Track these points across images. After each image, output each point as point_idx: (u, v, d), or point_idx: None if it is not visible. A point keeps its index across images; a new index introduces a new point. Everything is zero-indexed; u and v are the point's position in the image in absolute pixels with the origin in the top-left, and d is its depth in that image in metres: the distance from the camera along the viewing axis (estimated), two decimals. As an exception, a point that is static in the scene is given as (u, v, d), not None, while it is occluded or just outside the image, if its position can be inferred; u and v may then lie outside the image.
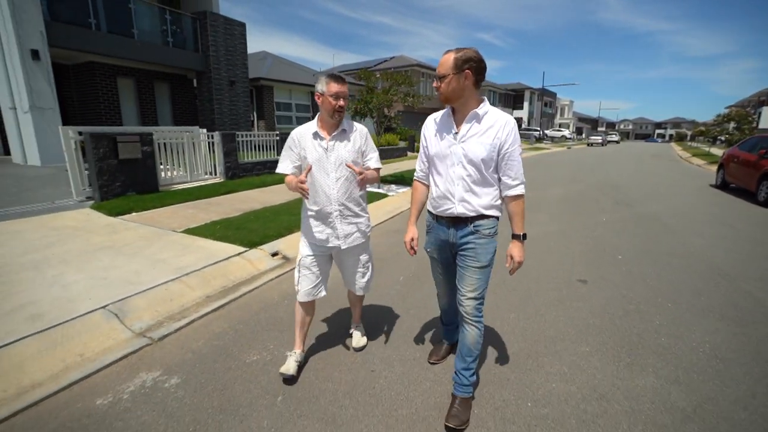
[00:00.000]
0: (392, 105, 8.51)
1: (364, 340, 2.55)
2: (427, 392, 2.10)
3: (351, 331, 2.62)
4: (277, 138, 10.34)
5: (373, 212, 6.33)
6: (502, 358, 2.35)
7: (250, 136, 9.58)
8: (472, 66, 1.71)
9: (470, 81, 1.72)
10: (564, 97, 64.42)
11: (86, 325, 2.68)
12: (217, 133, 8.55)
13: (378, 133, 8.95)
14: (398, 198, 7.67)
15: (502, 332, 2.67)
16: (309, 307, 2.33)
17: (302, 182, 1.90)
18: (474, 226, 1.83)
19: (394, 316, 2.98)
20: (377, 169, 2.21)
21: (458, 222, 1.87)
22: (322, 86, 2.02)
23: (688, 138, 45.59)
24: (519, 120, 44.10)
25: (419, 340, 2.61)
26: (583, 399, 2.01)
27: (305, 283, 2.25)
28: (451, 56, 1.72)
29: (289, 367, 2.20)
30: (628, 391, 2.07)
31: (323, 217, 2.15)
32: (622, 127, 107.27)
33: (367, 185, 2.16)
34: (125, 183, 6.51)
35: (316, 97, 2.08)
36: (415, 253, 2.01)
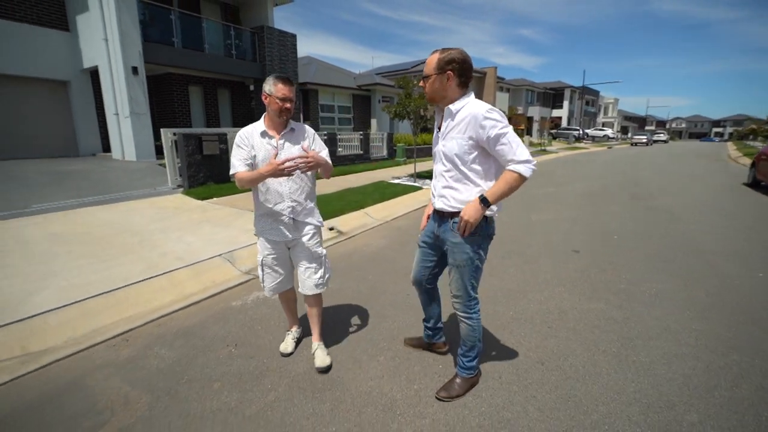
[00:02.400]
0: (428, 107, 9.50)
1: (329, 359, 2.34)
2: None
3: (313, 351, 2.40)
4: (325, 138, 11.66)
5: (408, 201, 7.42)
6: (500, 293, 3.35)
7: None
8: (455, 67, 1.74)
9: (453, 82, 1.76)
10: (608, 94, 62.18)
11: (211, 266, 3.94)
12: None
13: (415, 133, 9.98)
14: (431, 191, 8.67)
15: (502, 278, 3.66)
16: (286, 295, 2.51)
17: (279, 162, 1.90)
18: (453, 223, 1.85)
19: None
20: (330, 164, 2.21)
21: (441, 216, 1.94)
22: (270, 87, 2.03)
23: (750, 137, 42.45)
24: (558, 119, 43.37)
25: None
26: (549, 312, 2.99)
27: (269, 280, 2.36)
28: (436, 57, 1.76)
29: (287, 345, 2.49)
30: (582, 310, 3.02)
31: (276, 214, 2.18)
32: (674, 125, 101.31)
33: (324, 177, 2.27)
34: (206, 174, 8.00)
35: (263, 97, 2.08)
36: None
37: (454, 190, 1.84)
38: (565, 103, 44.53)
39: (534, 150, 23.02)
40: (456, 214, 1.84)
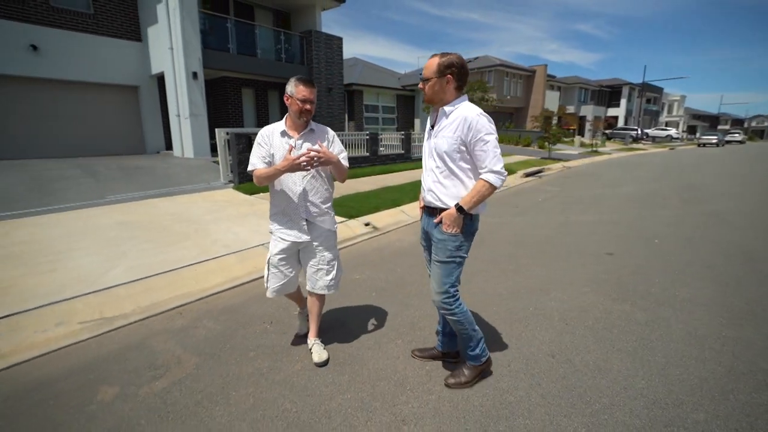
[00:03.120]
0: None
1: (326, 353, 2.40)
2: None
3: (310, 347, 2.44)
4: (366, 137, 12.02)
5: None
6: (523, 290, 3.42)
7: (344, 135, 11.41)
8: (454, 71, 1.83)
9: (451, 85, 1.86)
10: (673, 91, 57.55)
11: (255, 253, 4.33)
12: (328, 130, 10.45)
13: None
14: (468, 190, 8.67)
15: (527, 276, 3.71)
16: (289, 296, 2.52)
17: (294, 158, 1.98)
18: (457, 209, 1.88)
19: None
20: (345, 167, 2.26)
21: (431, 212, 2.01)
22: (291, 88, 2.09)
23: None
24: (613, 119, 40.86)
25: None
26: (569, 310, 3.02)
27: (273, 281, 2.35)
28: (436, 60, 1.85)
29: (303, 326, 2.63)
30: (604, 310, 3.02)
31: (289, 213, 2.23)
32: (753, 124, 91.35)
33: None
34: (255, 171, 8.59)
35: (285, 99, 2.14)
36: None
37: (441, 185, 1.93)
38: (623, 102, 41.90)
39: (584, 151, 21.99)
40: (443, 210, 1.91)
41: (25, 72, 9.55)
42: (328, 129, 2.33)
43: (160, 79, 11.52)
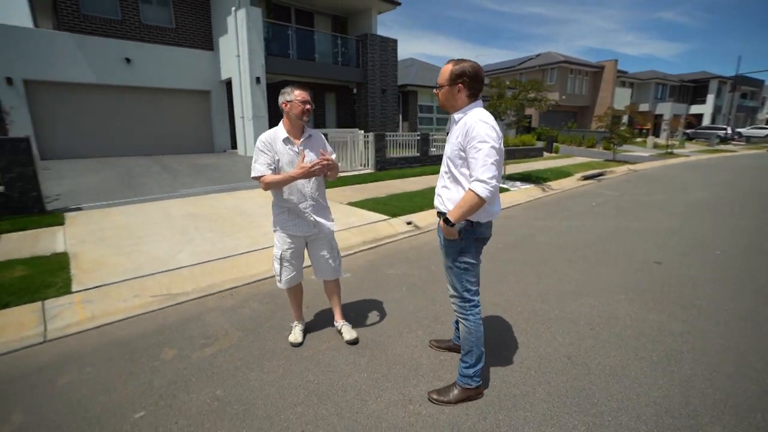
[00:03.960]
0: (521, 108, 9.30)
1: (355, 332, 2.65)
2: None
3: (339, 328, 2.71)
4: (418, 138, 12.17)
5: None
6: (552, 293, 3.40)
7: (396, 136, 11.66)
8: (465, 81, 1.85)
9: (463, 93, 1.88)
10: (774, 85, 50.32)
11: (300, 246, 4.70)
12: (371, 133, 10.81)
13: (516, 133, 9.82)
14: (518, 193, 8.49)
15: (560, 279, 3.66)
16: (295, 289, 2.69)
17: (310, 165, 2.20)
18: (444, 221, 1.91)
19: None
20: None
21: (439, 215, 2.04)
22: (288, 96, 2.28)
23: None
24: (698, 117, 36.84)
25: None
26: (598, 316, 2.98)
27: (286, 273, 2.55)
28: (449, 68, 1.88)
29: (297, 336, 2.65)
30: (636, 319, 2.93)
31: (298, 211, 2.41)
32: None
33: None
34: (308, 170, 9.14)
35: (283, 105, 2.30)
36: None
37: (447, 189, 1.96)
38: (710, 98, 37.63)
39: (657, 153, 20.21)
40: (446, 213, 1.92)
41: (120, 81, 11.00)
42: (320, 133, 2.55)
43: (228, 84, 12.60)
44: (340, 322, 2.75)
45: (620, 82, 32.08)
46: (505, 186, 9.10)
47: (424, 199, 7.22)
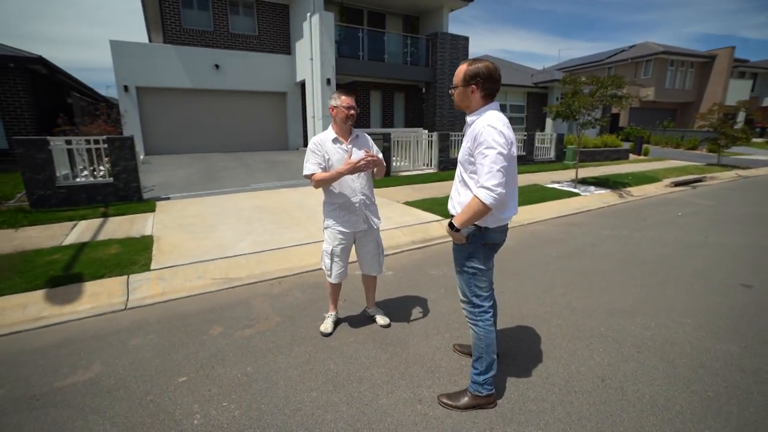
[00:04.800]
0: (598, 107, 8.54)
1: (387, 318, 2.89)
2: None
3: (373, 315, 2.95)
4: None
5: (554, 207, 7.00)
6: (601, 309, 3.13)
7: (461, 135, 11.45)
8: (479, 82, 1.82)
9: (477, 94, 1.85)
10: None
11: (350, 242, 4.88)
12: (435, 133, 10.76)
13: (578, 134, 9.11)
14: (589, 198, 7.85)
15: (615, 295, 3.35)
16: (340, 283, 2.84)
17: (355, 161, 2.35)
18: (449, 225, 1.90)
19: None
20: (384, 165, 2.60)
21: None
22: (335, 101, 2.48)
23: None
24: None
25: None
26: (650, 339, 2.68)
27: (336, 267, 2.69)
28: (464, 68, 1.86)
29: (327, 326, 2.79)
30: (698, 347, 2.58)
31: (349, 206, 2.56)
32: None
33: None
34: (370, 168, 9.39)
35: (330, 110, 2.53)
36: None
37: (458, 194, 1.94)
38: None
39: (778, 156, 17.10)
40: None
41: (210, 86, 12.33)
42: (366, 134, 2.70)
43: (302, 85, 13.40)
44: (372, 309, 2.97)
45: (738, 73, 27.69)
46: (575, 190, 8.47)
47: (482, 201, 7.03)
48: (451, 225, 1.86)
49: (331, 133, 2.56)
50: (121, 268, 3.75)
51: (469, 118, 1.90)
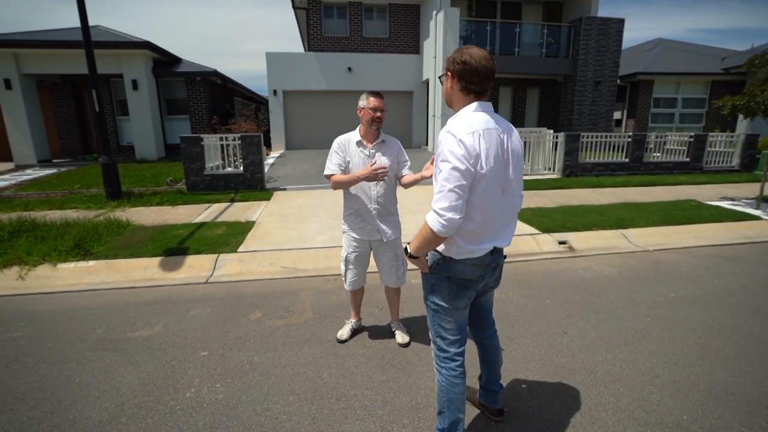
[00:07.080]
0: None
1: (408, 337, 2.71)
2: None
3: (393, 330, 2.79)
4: (628, 140, 9.84)
5: (709, 232, 5.39)
6: (730, 387, 2.28)
7: (597, 137, 9.68)
8: (453, 69, 1.49)
9: (455, 86, 1.52)
10: None
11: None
12: (561, 133, 9.45)
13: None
14: (768, 224, 5.82)
15: (744, 366, 2.39)
16: (357, 290, 2.77)
17: (375, 168, 2.22)
18: (404, 250, 1.68)
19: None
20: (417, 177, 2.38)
21: None
22: (363, 102, 2.41)
23: None
24: None
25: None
26: (686, 379, 1.83)
27: (350, 275, 2.64)
28: (451, 55, 1.54)
29: (344, 333, 2.76)
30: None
31: (364, 213, 2.48)
32: None
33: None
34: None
35: (358, 111, 2.45)
36: None
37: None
38: None
39: None
40: None
41: (344, 87, 13.47)
42: (396, 140, 2.58)
43: (427, 84, 13.46)
44: (394, 324, 2.82)
45: None
46: (754, 212, 6.39)
47: (600, 216, 5.92)
48: (405, 250, 1.59)
49: (356, 134, 2.51)
50: (217, 247, 4.46)
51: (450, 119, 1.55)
